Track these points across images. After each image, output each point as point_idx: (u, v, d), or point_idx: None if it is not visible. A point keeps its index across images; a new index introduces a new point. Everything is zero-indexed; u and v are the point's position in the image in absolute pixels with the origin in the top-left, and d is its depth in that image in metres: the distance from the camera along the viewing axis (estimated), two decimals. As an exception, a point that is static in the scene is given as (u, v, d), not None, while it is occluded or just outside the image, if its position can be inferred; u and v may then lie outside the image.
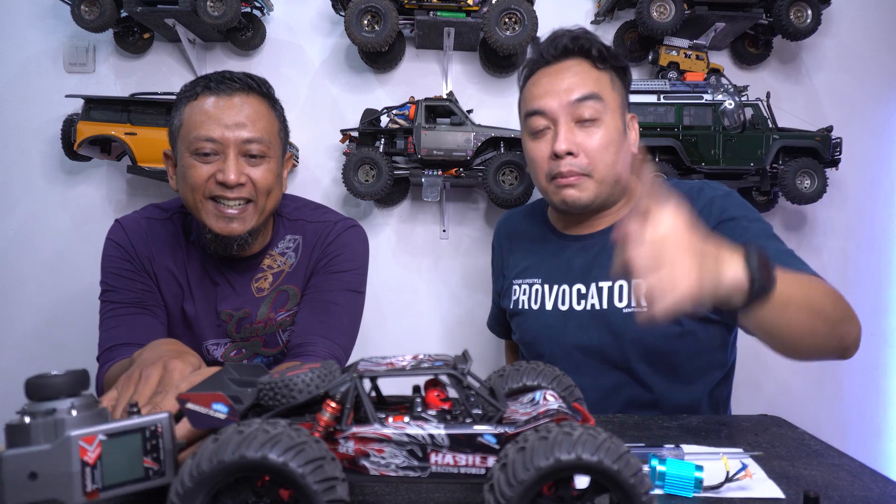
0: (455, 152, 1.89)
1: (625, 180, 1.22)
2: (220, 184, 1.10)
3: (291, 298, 1.25)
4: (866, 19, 2.25)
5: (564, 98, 1.16)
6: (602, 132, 1.16)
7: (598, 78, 1.18)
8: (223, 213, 1.12)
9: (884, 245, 2.27)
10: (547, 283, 1.26)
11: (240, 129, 1.10)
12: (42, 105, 2.11)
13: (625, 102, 1.23)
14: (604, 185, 1.19)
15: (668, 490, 0.71)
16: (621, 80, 1.23)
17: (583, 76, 1.17)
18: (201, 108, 1.11)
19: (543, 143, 1.19)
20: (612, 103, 1.18)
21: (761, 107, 1.94)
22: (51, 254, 2.14)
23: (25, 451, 0.54)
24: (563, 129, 1.16)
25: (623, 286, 1.17)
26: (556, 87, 1.17)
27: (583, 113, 1.15)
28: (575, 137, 1.15)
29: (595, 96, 1.15)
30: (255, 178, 1.13)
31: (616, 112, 1.19)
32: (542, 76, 1.20)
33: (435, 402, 0.60)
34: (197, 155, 1.10)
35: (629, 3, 2.05)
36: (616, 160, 1.17)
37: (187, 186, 1.12)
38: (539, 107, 1.18)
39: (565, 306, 1.23)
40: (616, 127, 1.18)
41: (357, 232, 1.32)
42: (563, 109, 1.16)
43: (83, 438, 0.55)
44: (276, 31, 2.15)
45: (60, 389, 0.57)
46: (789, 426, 1.00)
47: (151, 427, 0.59)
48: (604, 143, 1.16)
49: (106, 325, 1.18)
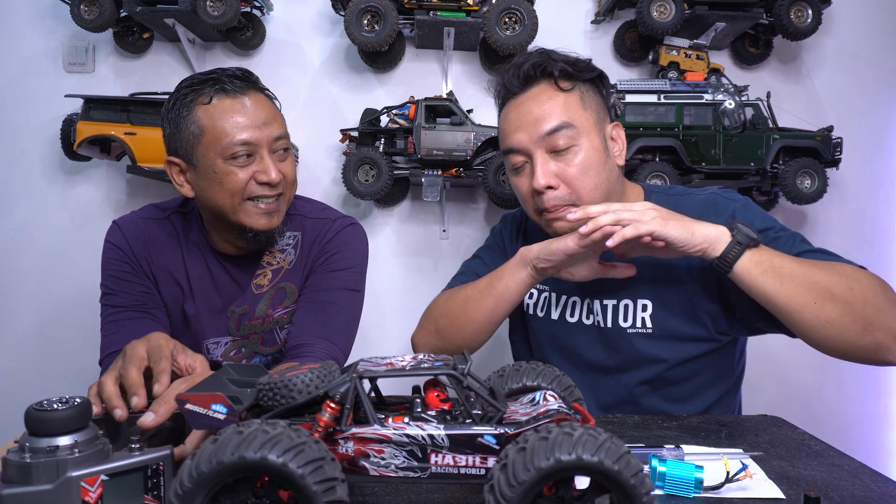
0: (455, 152, 1.89)
1: (616, 195, 1.18)
2: (263, 184, 1.12)
3: (289, 296, 1.25)
4: (866, 19, 2.25)
5: (534, 132, 1.12)
6: (580, 158, 1.11)
7: (565, 102, 1.13)
8: (263, 210, 1.14)
9: (884, 245, 2.27)
10: (555, 291, 1.25)
11: (268, 127, 1.12)
12: (42, 105, 2.11)
13: (602, 115, 1.17)
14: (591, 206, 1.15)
15: (669, 490, 0.71)
16: (596, 90, 1.18)
17: (550, 105, 1.12)
18: (223, 112, 1.10)
19: (524, 177, 1.16)
20: (585, 125, 1.13)
21: (761, 107, 1.94)
22: (50, 253, 2.14)
23: (26, 490, 0.54)
24: (538, 163, 1.12)
25: (628, 305, 1.16)
26: (525, 120, 1.13)
27: (557, 143, 1.11)
28: (551, 169, 1.12)
29: (565, 125, 1.11)
30: (285, 173, 1.16)
31: (592, 132, 1.14)
32: (511, 109, 1.18)
33: (435, 402, 0.60)
34: (233, 159, 1.10)
35: (629, 3, 2.05)
36: (599, 181, 1.13)
37: (224, 192, 1.12)
38: (512, 144, 1.16)
39: (574, 318, 1.22)
40: (594, 147, 1.13)
41: (355, 230, 1.31)
42: (535, 144, 1.12)
43: (85, 479, 0.55)
44: (275, 30, 2.15)
45: (62, 426, 0.56)
46: (789, 426, 1.00)
47: (153, 465, 0.59)
48: (583, 169, 1.11)
49: (107, 329, 1.18)
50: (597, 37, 2.21)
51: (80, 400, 0.59)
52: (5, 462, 0.55)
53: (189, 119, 1.11)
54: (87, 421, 0.58)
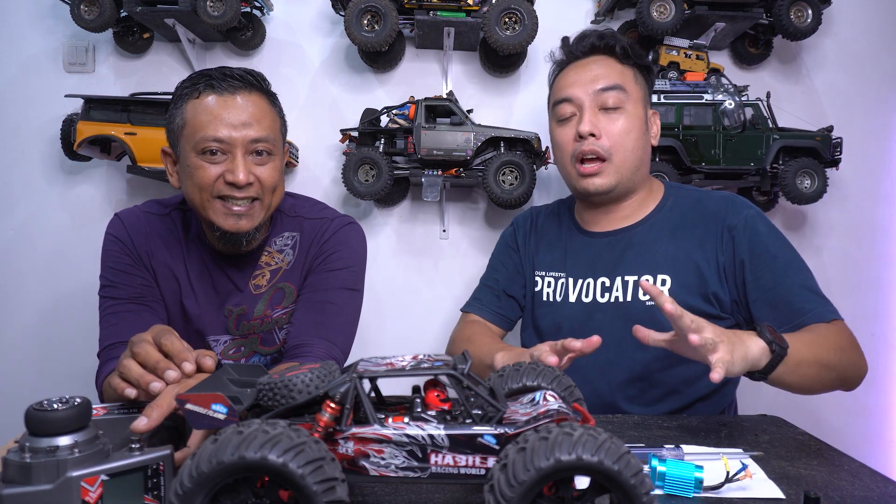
0: (455, 152, 1.89)
1: (644, 170, 1.31)
2: (230, 184, 1.11)
3: (288, 296, 1.25)
4: (866, 19, 2.25)
5: (590, 87, 1.26)
6: (624, 119, 1.25)
7: (622, 71, 1.28)
8: (232, 211, 1.13)
9: (884, 245, 2.26)
10: (572, 276, 1.31)
11: (246, 128, 1.11)
12: (42, 105, 2.11)
13: (647, 98, 1.33)
14: (623, 169, 1.26)
15: (669, 490, 0.71)
16: (644, 77, 1.33)
17: (608, 69, 1.27)
18: (206, 108, 1.10)
19: (569, 127, 1.29)
20: (634, 95, 1.27)
21: (761, 107, 1.94)
22: (50, 253, 2.13)
23: (26, 490, 0.54)
24: (587, 113, 1.25)
25: (649, 279, 1.21)
26: (583, 77, 1.27)
27: (607, 100, 1.25)
28: (598, 121, 1.25)
29: (619, 87, 1.25)
30: (261, 177, 1.14)
31: (639, 103, 1.28)
32: (570, 70, 1.31)
33: (435, 402, 0.60)
34: (203, 154, 1.10)
35: (629, 3, 2.04)
36: (636, 146, 1.26)
37: (193, 186, 1.12)
38: (566, 95, 1.28)
39: (589, 298, 1.27)
40: (638, 116, 1.27)
41: (353, 229, 1.31)
42: (588, 97, 1.26)
43: (85, 479, 0.55)
44: (275, 30, 2.15)
45: (62, 426, 0.56)
46: (789, 426, 1.00)
47: (153, 465, 0.59)
48: (625, 129, 1.25)
49: (106, 321, 1.18)
50: (597, 37, 2.21)
51: (80, 400, 0.58)
52: (5, 462, 0.55)
53: (178, 112, 1.13)
54: (87, 421, 0.58)
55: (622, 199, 1.31)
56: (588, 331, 1.21)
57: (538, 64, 2.18)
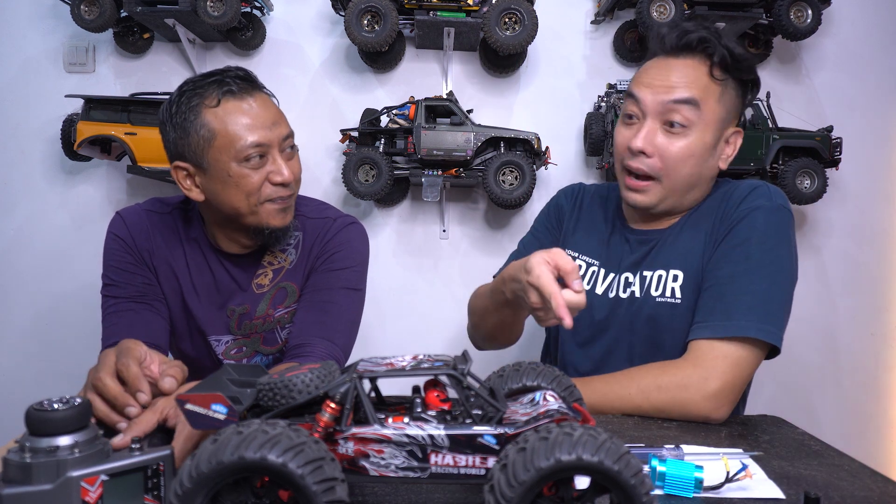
0: (455, 152, 1.89)
1: (699, 193, 1.19)
2: (279, 184, 1.13)
3: (290, 295, 1.25)
4: (866, 19, 2.25)
5: (662, 95, 1.12)
6: (685, 142, 1.12)
7: (707, 86, 1.12)
8: (281, 209, 1.16)
9: (884, 245, 2.27)
10: (604, 267, 1.26)
11: (277, 127, 1.13)
12: (42, 105, 2.11)
13: (730, 117, 1.16)
14: (672, 192, 1.16)
15: (669, 490, 0.71)
16: (740, 92, 1.17)
17: (691, 78, 1.12)
18: (234, 115, 1.09)
19: (628, 131, 1.17)
20: (708, 115, 1.12)
21: (761, 107, 1.94)
22: (51, 253, 2.14)
23: (25, 490, 0.54)
24: (647, 126, 1.13)
25: (662, 275, 1.16)
26: (660, 81, 1.13)
27: (673, 116, 1.11)
28: (655, 139, 1.12)
29: (692, 102, 1.10)
30: (294, 171, 1.17)
31: (710, 126, 1.13)
32: (655, 65, 1.17)
33: (435, 402, 0.60)
34: (247, 161, 1.10)
35: (629, 3, 2.05)
36: (692, 172, 1.14)
37: (240, 194, 1.12)
38: (635, 92, 1.16)
39: (613, 293, 1.22)
40: (704, 141, 1.12)
41: (356, 229, 1.31)
42: (654, 106, 1.13)
43: (85, 479, 0.55)
44: (276, 31, 2.15)
45: (62, 426, 0.56)
46: (789, 426, 1.00)
47: (153, 465, 0.59)
48: (684, 153, 1.12)
49: (108, 320, 1.18)
50: (597, 37, 2.21)
51: (80, 400, 0.58)
52: (5, 462, 0.55)
53: (197, 123, 1.09)
54: (87, 421, 0.58)
55: (669, 213, 1.22)
56: (605, 325, 1.21)
57: (538, 64, 2.18)
